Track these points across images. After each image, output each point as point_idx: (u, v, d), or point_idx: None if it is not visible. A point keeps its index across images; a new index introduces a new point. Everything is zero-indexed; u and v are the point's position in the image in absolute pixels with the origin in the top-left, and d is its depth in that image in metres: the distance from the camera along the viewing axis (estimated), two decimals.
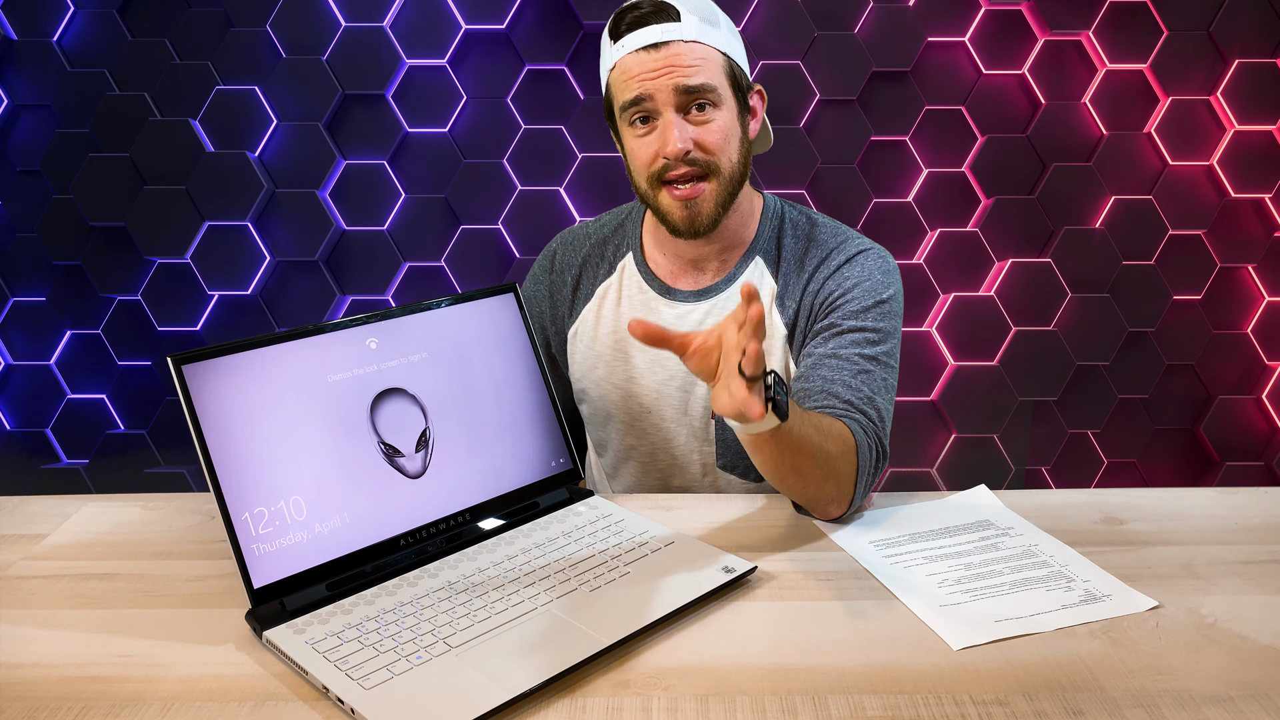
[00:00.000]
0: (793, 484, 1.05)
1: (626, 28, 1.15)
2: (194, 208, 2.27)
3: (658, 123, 1.16)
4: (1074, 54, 2.25)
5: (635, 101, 1.15)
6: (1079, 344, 2.33)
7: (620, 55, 1.16)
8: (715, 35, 1.16)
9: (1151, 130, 2.25)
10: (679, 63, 1.13)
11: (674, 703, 0.80)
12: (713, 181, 1.17)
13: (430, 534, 1.02)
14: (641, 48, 1.14)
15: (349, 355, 1.01)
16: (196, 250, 2.30)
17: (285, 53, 2.23)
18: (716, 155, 1.16)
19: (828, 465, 1.04)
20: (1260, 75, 2.22)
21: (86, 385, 2.37)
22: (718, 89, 1.15)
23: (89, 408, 2.37)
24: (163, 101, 2.25)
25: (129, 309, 2.33)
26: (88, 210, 2.27)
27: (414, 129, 2.27)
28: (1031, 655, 0.85)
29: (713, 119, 1.16)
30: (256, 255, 2.31)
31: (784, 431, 0.98)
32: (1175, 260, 2.30)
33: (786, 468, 1.02)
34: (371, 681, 0.81)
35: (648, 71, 1.14)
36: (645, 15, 1.14)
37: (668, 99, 1.14)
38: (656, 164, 1.17)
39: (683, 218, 1.18)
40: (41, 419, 2.38)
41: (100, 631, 0.91)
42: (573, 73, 2.25)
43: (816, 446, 1.02)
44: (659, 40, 1.13)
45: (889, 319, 1.21)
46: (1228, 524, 1.09)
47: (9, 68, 2.25)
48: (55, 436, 2.39)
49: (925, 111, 2.26)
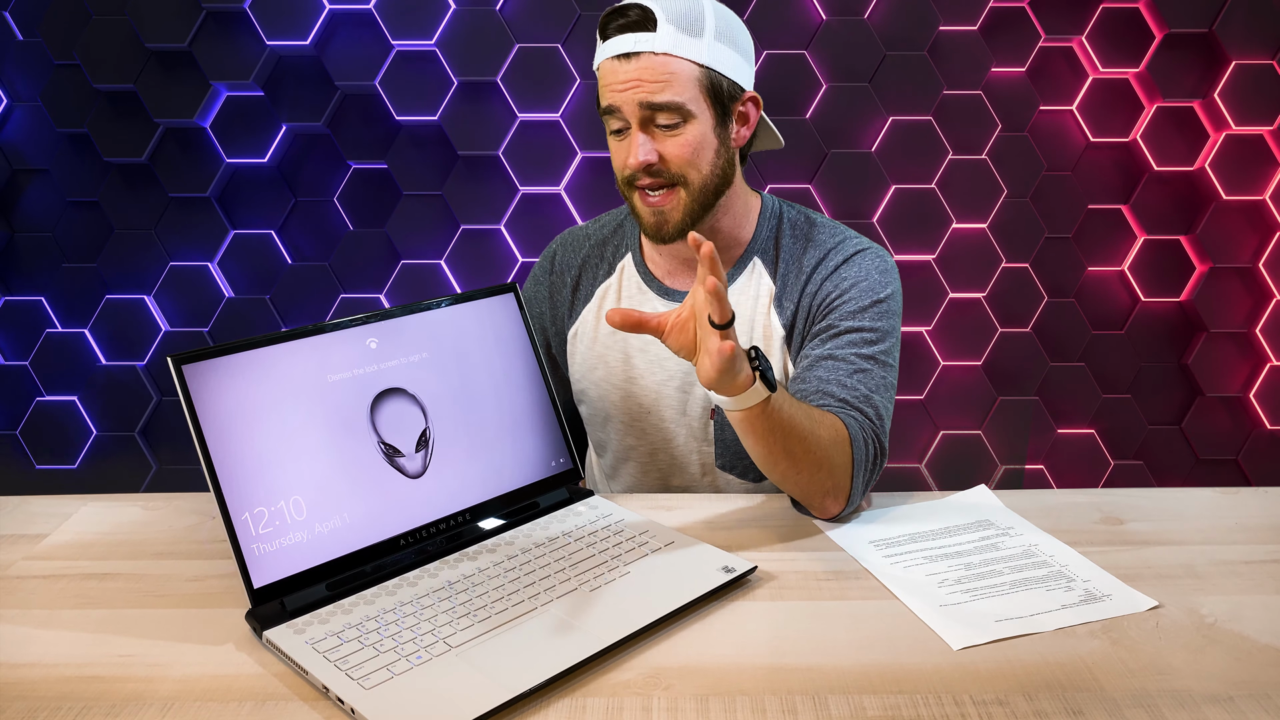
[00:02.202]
0: (786, 470, 1.05)
1: (611, 30, 1.16)
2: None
3: (628, 133, 1.17)
4: (1062, 60, 2.25)
5: (607, 110, 1.17)
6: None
7: (602, 59, 1.17)
8: (693, 46, 1.13)
9: (1136, 137, 2.26)
10: (646, 77, 1.13)
11: (674, 703, 0.80)
12: (681, 191, 1.18)
13: (430, 534, 1.02)
14: (616, 55, 1.14)
15: (349, 355, 1.01)
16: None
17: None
18: (683, 168, 1.16)
19: (819, 451, 1.05)
20: (1257, 77, 2.22)
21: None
22: (685, 104, 1.14)
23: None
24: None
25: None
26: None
27: (403, 117, 2.26)
28: (1031, 655, 0.85)
29: (680, 133, 1.15)
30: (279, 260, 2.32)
31: (774, 410, 1.00)
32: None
33: (778, 451, 1.03)
34: (371, 681, 0.81)
35: (618, 82, 1.14)
36: (625, 24, 1.14)
37: (633, 111, 1.15)
38: (625, 171, 1.18)
39: (651, 224, 1.20)
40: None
41: (100, 631, 0.91)
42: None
43: (807, 430, 1.04)
44: (630, 50, 1.13)
45: (887, 318, 1.21)
46: (1228, 524, 1.09)
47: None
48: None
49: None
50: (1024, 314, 2.33)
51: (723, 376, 0.96)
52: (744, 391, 0.99)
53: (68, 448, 2.39)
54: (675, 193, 1.17)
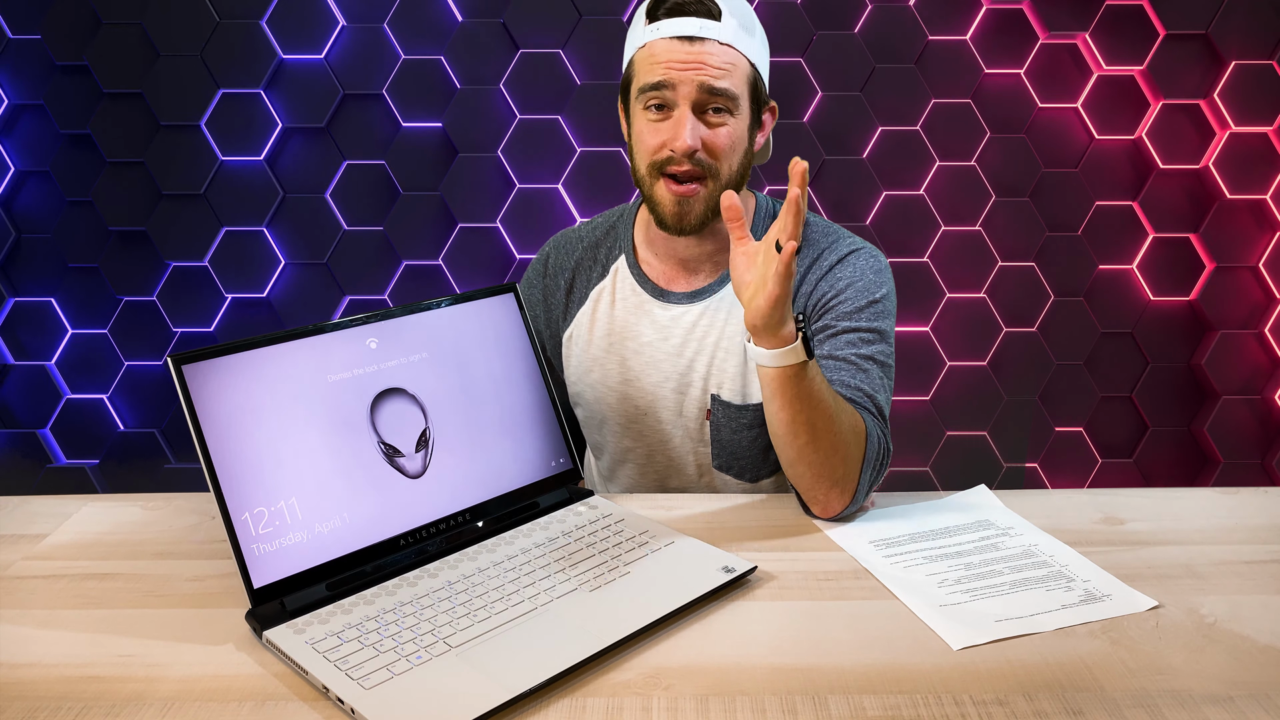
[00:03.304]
0: (804, 445, 1.05)
1: (665, 12, 1.15)
2: (213, 214, 2.28)
3: (673, 113, 1.16)
4: (1068, 57, 2.25)
5: (656, 86, 1.15)
6: (1061, 345, 2.34)
7: (652, 38, 1.16)
8: (749, 44, 1.16)
9: (1141, 135, 2.26)
10: (709, 61, 1.13)
11: (674, 703, 0.80)
12: (710, 185, 1.17)
13: (430, 534, 1.02)
14: (676, 36, 1.14)
15: (349, 355, 1.01)
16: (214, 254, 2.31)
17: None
18: (720, 161, 1.17)
19: (839, 434, 1.06)
20: (1257, 77, 2.22)
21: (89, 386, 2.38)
22: (739, 97, 1.15)
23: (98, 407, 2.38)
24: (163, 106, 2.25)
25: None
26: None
27: (409, 124, 2.27)
28: (1031, 655, 0.85)
29: (726, 124, 1.16)
30: (271, 259, 2.31)
31: (808, 377, 1.02)
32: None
33: (801, 422, 1.04)
34: (371, 681, 0.81)
35: (677, 61, 1.14)
36: (686, 4, 1.14)
37: (689, 93, 1.14)
38: (661, 153, 1.17)
39: (673, 213, 1.19)
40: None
41: (100, 631, 0.91)
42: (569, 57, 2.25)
43: (832, 409, 1.05)
44: (695, 34, 1.13)
45: (883, 318, 1.21)
46: (1228, 524, 1.09)
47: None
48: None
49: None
50: (1031, 313, 2.33)
51: (774, 310, 0.98)
52: (786, 347, 1.00)
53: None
54: (703, 185, 1.17)
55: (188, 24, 2.21)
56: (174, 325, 2.34)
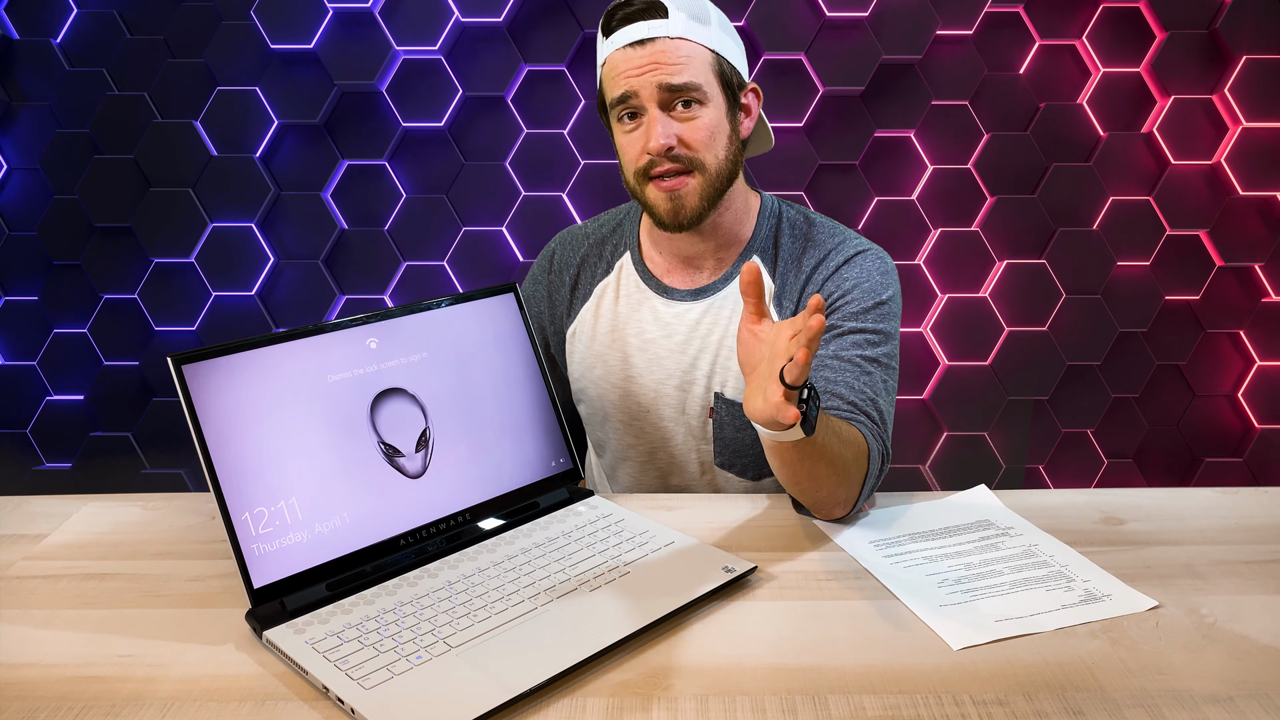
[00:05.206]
0: (805, 488, 1.05)
1: (616, 24, 1.17)
2: (200, 208, 2.27)
3: (644, 119, 1.17)
4: (1069, 57, 2.25)
5: (622, 98, 1.17)
6: (1071, 344, 2.33)
7: (609, 51, 1.17)
8: (703, 32, 1.16)
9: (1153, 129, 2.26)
10: (664, 60, 1.14)
11: (674, 703, 0.80)
12: (697, 177, 1.18)
13: (430, 534, 1.02)
14: (628, 44, 1.15)
15: (349, 355, 1.01)
16: (201, 251, 2.30)
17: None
18: (700, 152, 1.17)
19: (843, 472, 1.04)
20: (1268, 71, 2.21)
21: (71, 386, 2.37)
22: (702, 86, 1.15)
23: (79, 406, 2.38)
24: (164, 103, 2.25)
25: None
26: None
27: (409, 123, 2.27)
28: (1031, 655, 0.85)
29: (698, 116, 1.16)
30: (260, 256, 2.31)
31: (806, 443, 0.99)
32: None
33: (803, 475, 1.03)
34: (371, 681, 0.81)
35: (634, 68, 1.15)
36: (634, 13, 1.15)
37: (652, 95, 1.15)
38: (642, 160, 1.18)
39: (667, 210, 1.19)
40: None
41: (100, 631, 0.91)
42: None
43: (835, 455, 1.02)
44: (645, 36, 1.14)
45: (888, 320, 1.21)
46: (1228, 524, 1.09)
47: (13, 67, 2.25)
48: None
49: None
50: (1042, 312, 2.33)
51: (768, 423, 0.93)
52: (784, 429, 0.95)
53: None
54: (690, 178, 1.17)
55: (192, 28, 2.22)
56: (156, 324, 2.33)
